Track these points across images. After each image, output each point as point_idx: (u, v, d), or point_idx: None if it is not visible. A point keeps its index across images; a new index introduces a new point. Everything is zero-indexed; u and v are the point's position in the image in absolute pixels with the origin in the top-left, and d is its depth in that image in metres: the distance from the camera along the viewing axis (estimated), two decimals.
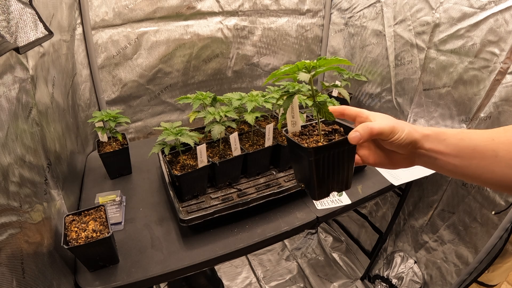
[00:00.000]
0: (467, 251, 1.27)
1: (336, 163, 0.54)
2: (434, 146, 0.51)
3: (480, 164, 0.48)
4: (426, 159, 0.52)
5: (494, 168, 0.47)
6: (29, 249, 0.59)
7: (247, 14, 1.52)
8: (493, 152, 0.47)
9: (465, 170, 0.49)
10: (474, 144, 0.48)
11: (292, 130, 0.58)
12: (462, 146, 0.49)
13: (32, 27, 0.66)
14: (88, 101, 1.30)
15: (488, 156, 0.47)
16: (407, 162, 0.55)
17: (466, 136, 0.50)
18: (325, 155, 0.52)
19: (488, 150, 0.47)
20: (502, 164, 0.46)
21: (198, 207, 1.00)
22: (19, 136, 0.64)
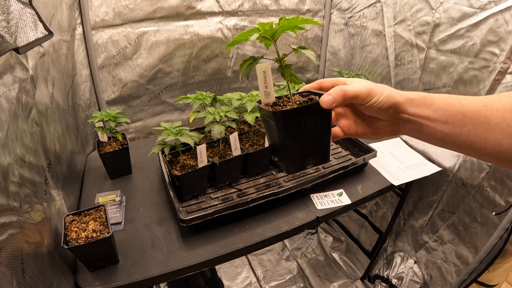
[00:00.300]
0: (467, 251, 1.27)
1: (310, 132, 0.49)
2: (420, 111, 0.46)
3: (472, 131, 0.44)
4: (412, 125, 0.47)
5: (488, 136, 0.43)
6: (29, 249, 0.59)
7: (247, 14, 1.52)
8: (485, 119, 0.43)
9: (456, 138, 0.45)
10: (464, 110, 0.44)
11: (266, 101, 0.53)
12: (451, 111, 0.45)
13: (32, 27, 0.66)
14: (88, 101, 1.30)
15: (480, 123, 0.43)
16: (391, 130, 0.50)
17: (455, 101, 0.45)
18: (296, 121, 0.48)
19: (480, 116, 0.44)
20: (496, 132, 0.43)
21: (198, 207, 1.00)
22: (19, 136, 0.64)
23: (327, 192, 1.10)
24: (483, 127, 0.43)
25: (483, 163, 1.13)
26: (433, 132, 0.46)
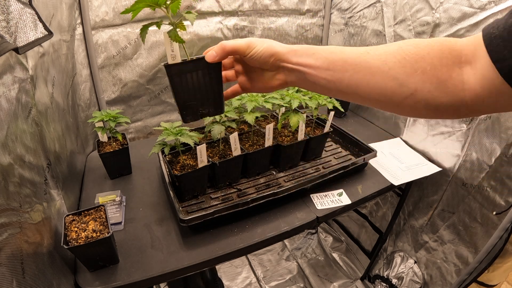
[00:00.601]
0: (467, 251, 1.27)
1: (200, 84, 0.55)
2: (302, 60, 0.49)
3: (354, 76, 0.46)
4: (296, 74, 0.51)
5: (369, 79, 0.45)
6: (29, 249, 0.59)
7: (247, 14, 1.52)
8: (366, 63, 0.45)
9: (339, 84, 0.47)
10: (346, 57, 0.46)
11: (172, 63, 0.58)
12: (332, 58, 0.47)
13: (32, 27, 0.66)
14: (88, 101, 1.30)
15: (361, 68, 0.45)
16: (279, 81, 0.54)
17: (338, 50, 0.48)
18: (186, 74, 0.54)
19: (361, 61, 0.45)
20: (378, 75, 0.44)
21: (198, 207, 1.00)
22: (19, 136, 0.64)
23: (327, 192, 1.10)
24: (364, 71, 0.45)
25: (483, 163, 1.14)
26: (316, 79, 0.49)
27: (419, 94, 0.43)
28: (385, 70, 0.44)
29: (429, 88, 0.42)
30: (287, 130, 1.22)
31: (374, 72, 0.45)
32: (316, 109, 1.15)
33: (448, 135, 1.26)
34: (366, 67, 0.45)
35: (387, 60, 0.44)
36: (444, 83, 0.42)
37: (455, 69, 0.42)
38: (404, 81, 0.43)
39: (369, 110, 1.68)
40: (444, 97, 0.42)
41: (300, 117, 1.07)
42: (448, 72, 0.42)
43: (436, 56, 0.42)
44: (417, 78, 0.43)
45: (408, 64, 0.43)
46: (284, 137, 1.17)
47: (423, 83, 0.43)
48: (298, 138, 1.13)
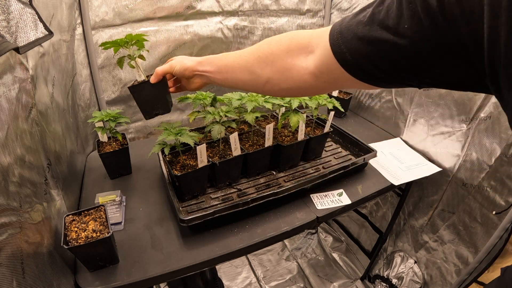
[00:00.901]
0: (467, 251, 1.27)
1: (152, 95, 0.83)
2: (204, 68, 0.71)
3: (232, 75, 0.65)
4: (204, 77, 0.73)
5: (241, 76, 0.63)
6: (29, 249, 0.59)
7: (247, 14, 1.52)
8: (238, 64, 0.63)
9: (226, 82, 0.68)
10: (227, 62, 0.66)
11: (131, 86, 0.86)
12: (221, 64, 0.68)
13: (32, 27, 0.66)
14: (88, 101, 1.30)
15: (235, 69, 0.64)
16: (198, 83, 0.78)
17: (225, 57, 0.67)
18: (141, 91, 0.83)
19: (234, 64, 0.64)
20: (244, 72, 0.62)
21: (198, 207, 1.00)
22: (19, 136, 0.64)
23: (327, 192, 1.10)
24: (237, 71, 0.63)
25: (483, 163, 1.14)
26: (215, 80, 0.70)
27: (272, 81, 0.59)
28: (247, 67, 0.61)
29: (278, 76, 0.57)
30: (287, 130, 1.22)
31: (242, 70, 0.62)
32: (316, 109, 1.15)
33: (448, 135, 1.26)
34: (238, 67, 0.63)
35: (249, 59, 0.61)
36: (289, 71, 0.55)
37: (300, 58, 0.54)
38: (260, 73, 0.59)
39: (369, 110, 1.68)
40: (290, 82, 0.56)
41: (300, 117, 1.07)
42: (292, 61, 0.55)
43: (283, 50, 0.56)
44: (268, 70, 0.58)
45: (262, 60, 0.59)
46: (284, 137, 1.17)
47: (273, 73, 0.58)
48: (298, 138, 1.13)
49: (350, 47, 0.43)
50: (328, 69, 0.48)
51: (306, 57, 0.53)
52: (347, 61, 0.44)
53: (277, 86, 0.59)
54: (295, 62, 0.54)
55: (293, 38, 0.55)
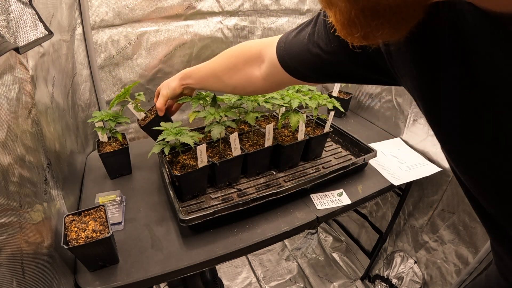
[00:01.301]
0: (467, 251, 1.27)
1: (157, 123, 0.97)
2: (186, 81, 0.89)
3: (208, 84, 0.85)
4: (190, 88, 0.92)
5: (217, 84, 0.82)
6: (29, 249, 0.59)
7: (247, 14, 1.52)
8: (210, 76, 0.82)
9: (207, 88, 0.90)
10: (201, 74, 0.85)
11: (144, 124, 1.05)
12: (197, 77, 0.86)
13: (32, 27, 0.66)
14: (88, 101, 1.30)
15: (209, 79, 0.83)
16: (189, 92, 0.96)
17: (198, 70, 0.85)
18: (152, 125, 1.00)
19: (208, 75, 0.83)
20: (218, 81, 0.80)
21: (198, 207, 1.00)
22: (19, 136, 0.64)
23: (327, 192, 1.10)
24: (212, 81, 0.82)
25: None
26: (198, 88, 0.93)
27: (238, 87, 0.78)
28: (218, 78, 0.79)
29: (242, 83, 0.75)
30: (287, 130, 1.22)
31: (215, 80, 0.81)
32: (316, 109, 1.15)
33: None
34: (211, 78, 0.82)
35: (217, 72, 0.79)
36: (249, 79, 0.72)
37: (255, 67, 0.70)
38: (228, 82, 0.78)
39: (369, 110, 1.68)
40: (248, 88, 0.76)
41: (300, 117, 1.07)
42: (250, 71, 0.71)
43: (243, 62, 0.72)
44: (234, 79, 0.76)
45: (227, 72, 0.76)
46: (284, 137, 1.17)
47: (238, 81, 0.75)
48: (298, 138, 1.13)
49: (293, 60, 0.58)
50: (275, 74, 0.64)
51: (259, 66, 0.69)
52: (290, 68, 0.60)
53: (243, 90, 0.80)
54: (252, 72, 0.71)
55: (248, 50, 0.72)
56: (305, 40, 0.54)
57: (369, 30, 0.27)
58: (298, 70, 0.59)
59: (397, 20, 0.26)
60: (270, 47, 0.64)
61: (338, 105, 1.16)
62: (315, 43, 0.52)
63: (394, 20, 0.26)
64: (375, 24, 0.26)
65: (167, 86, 0.92)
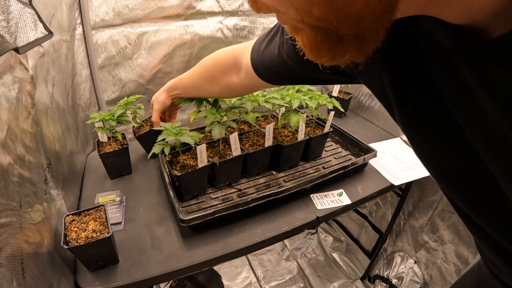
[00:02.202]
0: (467, 251, 1.27)
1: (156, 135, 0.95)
2: (174, 92, 0.95)
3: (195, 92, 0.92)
4: (179, 97, 0.97)
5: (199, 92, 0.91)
6: (29, 249, 0.59)
7: (247, 14, 1.52)
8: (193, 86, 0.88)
9: (196, 96, 0.95)
10: (185, 85, 0.90)
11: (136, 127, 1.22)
12: (182, 87, 0.92)
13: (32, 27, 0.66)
14: (88, 101, 1.30)
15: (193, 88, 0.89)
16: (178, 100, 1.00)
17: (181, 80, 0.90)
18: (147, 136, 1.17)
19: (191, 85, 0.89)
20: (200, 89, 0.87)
21: (198, 207, 1.00)
22: (19, 136, 0.64)
23: (327, 192, 1.10)
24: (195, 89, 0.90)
25: None
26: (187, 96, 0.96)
27: (222, 94, 0.86)
28: (201, 88, 0.86)
29: (224, 90, 0.81)
30: (287, 130, 1.22)
31: (198, 89, 0.88)
32: (316, 109, 1.15)
33: None
34: (194, 88, 0.89)
35: (198, 82, 0.85)
36: (229, 86, 0.78)
37: (233, 75, 0.75)
38: (211, 91, 0.85)
39: (369, 110, 1.68)
40: (231, 93, 0.84)
41: (300, 117, 1.07)
42: (230, 78, 0.77)
43: (220, 73, 0.78)
44: (216, 87, 0.82)
45: (208, 82, 0.82)
46: (284, 137, 1.17)
47: (220, 89, 0.82)
48: (298, 138, 1.13)
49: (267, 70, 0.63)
50: (251, 79, 0.69)
51: (237, 74, 0.75)
52: (265, 77, 0.65)
53: (227, 95, 0.87)
54: (231, 80, 0.77)
55: (222, 60, 0.76)
56: (276, 52, 0.59)
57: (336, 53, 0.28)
58: (271, 77, 0.64)
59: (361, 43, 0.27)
60: (244, 56, 0.70)
61: (338, 105, 1.16)
62: (285, 54, 0.56)
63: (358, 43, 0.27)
64: (340, 48, 0.28)
65: (157, 100, 0.97)
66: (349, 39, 0.27)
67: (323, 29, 0.26)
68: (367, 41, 0.27)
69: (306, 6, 0.24)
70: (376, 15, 0.24)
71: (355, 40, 0.27)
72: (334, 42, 0.27)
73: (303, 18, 0.25)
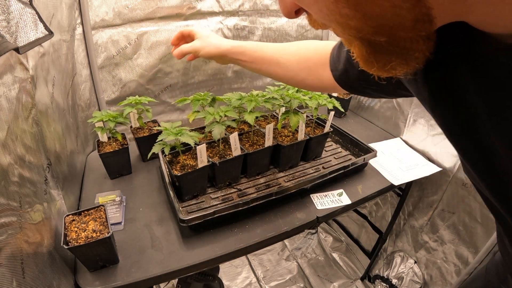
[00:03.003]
0: (467, 251, 1.27)
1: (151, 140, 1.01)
2: (237, 56, 0.76)
3: (268, 68, 0.74)
4: (234, 62, 0.78)
5: (278, 71, 0.73)
6: (29, 249, 0.59)
7: (247, 14, 1.52)
8: (276, 60, 0.72)
9: (260, 71, 0.76)
10: (263, 55, 0.74)
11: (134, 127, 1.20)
12: (255, 56, 0.74)
13: (32, 27, 0.66)
14: (88, 101, 1.30)
15: (273, 63, 0.73)
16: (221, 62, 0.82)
17: (259, 49, 0.74)
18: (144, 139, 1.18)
19: (272, 58, 0.73)
20: (283, 68, 0.72)
21: (198, 207, 1.00)
22: (19, 136, 0.64)
23: (327, 192, 1.10)
24: (274, 65, 0.73)
25: None
26: (248, 67, 0.77)
27: (306, 81, 0.72)
28: (287, 65, 0.72)
29: (312, 78, 0.71)
30: (287, 130, 1.22)
31: (281, 67, 0.73)
32: (316, 109, 1.15)
33: None
34: (276, 62, 0.73)
35: (289, 59, 0.72)
36: (319, 78, 0.70)
37: (324, 68, 0.67)
38: (298, 73, 0.72)
39: (369, 110, 1.68)
40: (319, 85, 0.71)
41: (300, 117, 1.07)
42: (321, 70, 0.68)
43: (316, 59, 0.69)
44: (305, 72, 0.71)
45: (301, 63, 0.71)
46: (284, 137, 1.17)
47: (308, 76, 0.71)
48: (298, 138, 1.13)
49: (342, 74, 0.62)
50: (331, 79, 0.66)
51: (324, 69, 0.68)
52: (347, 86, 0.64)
53: (309, 86, 0.74)
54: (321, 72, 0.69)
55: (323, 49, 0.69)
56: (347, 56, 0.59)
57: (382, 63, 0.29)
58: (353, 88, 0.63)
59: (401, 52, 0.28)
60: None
61: (338, 105, 1.16)
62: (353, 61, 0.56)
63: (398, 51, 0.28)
64: (384, 57, 0.29)
65: (205, 47, 0.77)
66: (390, 48, 0.27)
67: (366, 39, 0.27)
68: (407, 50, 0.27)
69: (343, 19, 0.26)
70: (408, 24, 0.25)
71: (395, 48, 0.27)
72: (378, 51, 0.28)
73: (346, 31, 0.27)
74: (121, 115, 1.11)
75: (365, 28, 0.26)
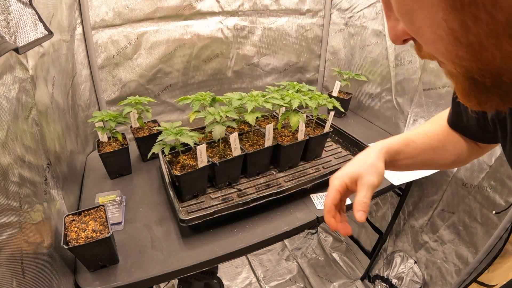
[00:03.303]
0: (467, 251, 1.27)
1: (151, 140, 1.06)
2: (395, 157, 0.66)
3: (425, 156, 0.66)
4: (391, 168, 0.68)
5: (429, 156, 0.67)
6: (29, 249, 0.59)
7: (247, 14, 1.52)
8: (429, 146, 0.66)
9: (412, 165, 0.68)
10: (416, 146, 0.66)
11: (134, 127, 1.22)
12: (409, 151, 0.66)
13: (32, 27, 0.66)
14: (88, 101, 1.30)
15: (427, 150, 0.66)
16: None
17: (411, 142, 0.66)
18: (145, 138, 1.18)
19: (426, 145, 0.66)
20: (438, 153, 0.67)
21: (198, 207, 1.00)
22: (19, 136, 0.64)
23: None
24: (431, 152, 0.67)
25: (483, 163, 1.13)
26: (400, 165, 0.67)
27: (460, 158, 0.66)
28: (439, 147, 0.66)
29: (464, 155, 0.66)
30: (287, 130, 1.22)
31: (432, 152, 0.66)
32: (316, 109, 1.15)
33: None
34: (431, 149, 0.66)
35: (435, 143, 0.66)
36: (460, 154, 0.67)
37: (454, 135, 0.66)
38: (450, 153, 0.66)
39: (369, 110, 1.68)
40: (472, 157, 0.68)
41: (300, 117, 1.07)
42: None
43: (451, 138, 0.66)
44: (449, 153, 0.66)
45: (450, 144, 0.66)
46: (284, 137, 1.17)
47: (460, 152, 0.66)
48: (298, 138, 1.13)
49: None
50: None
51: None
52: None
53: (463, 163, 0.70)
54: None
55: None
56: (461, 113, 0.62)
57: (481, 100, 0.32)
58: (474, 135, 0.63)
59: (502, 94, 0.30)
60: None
61: (338, 105, 1.16)
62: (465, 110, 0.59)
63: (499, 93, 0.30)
64: (485, 97, 0.31)
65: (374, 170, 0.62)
66: (493, 90, 0.30)
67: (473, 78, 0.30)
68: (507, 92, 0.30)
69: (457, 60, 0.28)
70: None
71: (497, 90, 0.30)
72: (480, 90, 0.31)
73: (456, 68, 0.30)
74: (121, 115, 1.11)
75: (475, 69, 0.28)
